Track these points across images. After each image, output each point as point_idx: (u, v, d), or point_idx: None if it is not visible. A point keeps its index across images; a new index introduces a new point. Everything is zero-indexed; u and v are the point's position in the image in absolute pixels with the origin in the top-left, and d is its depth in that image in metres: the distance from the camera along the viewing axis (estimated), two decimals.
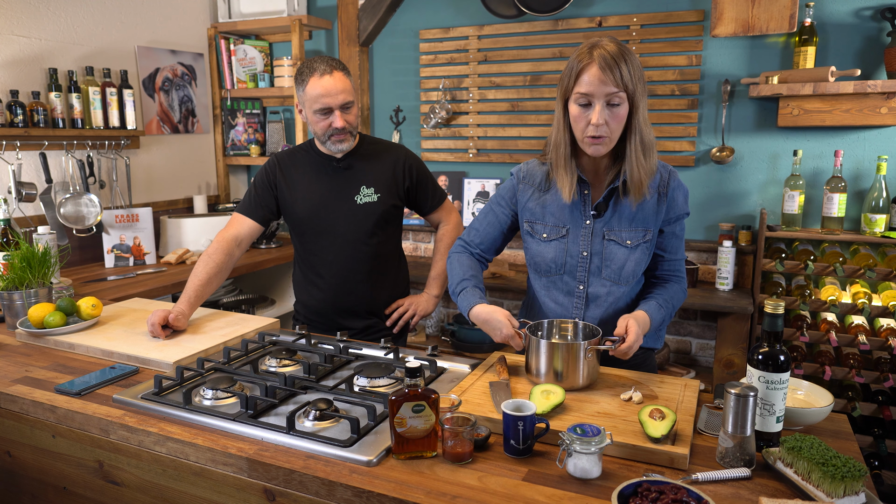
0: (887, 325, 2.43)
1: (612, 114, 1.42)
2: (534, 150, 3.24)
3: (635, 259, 1.56)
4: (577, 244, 1.58)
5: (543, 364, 1.42)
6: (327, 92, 1.83)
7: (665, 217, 1.56)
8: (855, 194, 2.69)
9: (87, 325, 1.86)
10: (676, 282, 1.63)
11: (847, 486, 1.02)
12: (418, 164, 2.06)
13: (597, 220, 1.57)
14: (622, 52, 1.40)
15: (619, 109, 1.42)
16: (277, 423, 1.29)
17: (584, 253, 1.57)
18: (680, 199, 1.57)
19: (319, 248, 2.00)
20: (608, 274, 1.57)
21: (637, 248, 1.55)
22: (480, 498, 1.06)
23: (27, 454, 1.52)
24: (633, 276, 1.57)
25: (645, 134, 1.47)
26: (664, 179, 1.55)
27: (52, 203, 2.74)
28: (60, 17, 2.82)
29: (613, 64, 1.38)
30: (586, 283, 1.59)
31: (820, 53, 2.64)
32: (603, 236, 1.56)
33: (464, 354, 2.57)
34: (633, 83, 1.41)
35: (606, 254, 1.56)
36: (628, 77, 1.40)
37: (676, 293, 1.61)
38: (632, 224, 1.55)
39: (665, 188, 1.55)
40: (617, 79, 1.39)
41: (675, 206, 1.57)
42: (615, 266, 1.56)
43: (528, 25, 3.14)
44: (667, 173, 1.56)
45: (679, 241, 1.62)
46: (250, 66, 3.63)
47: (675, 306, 1.60)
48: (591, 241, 1.57)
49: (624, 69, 1.39)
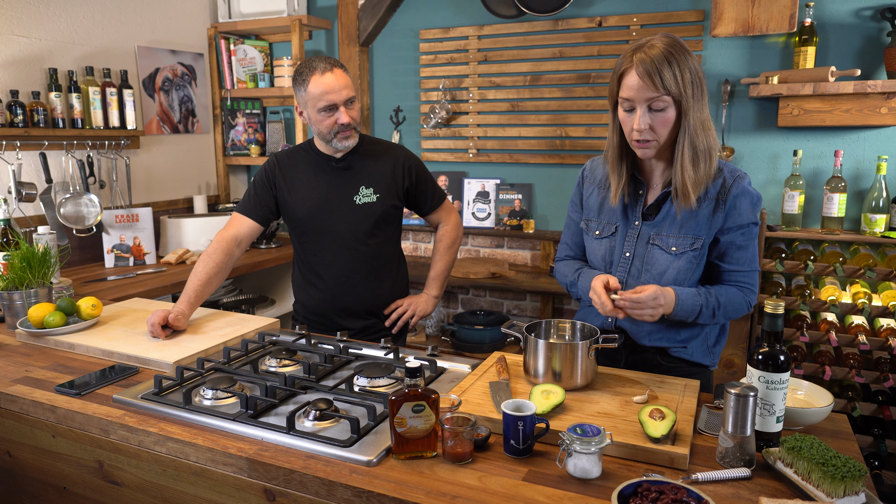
0: (887, 325, 2.43)
1: (656, 118, 1.38)
2: (534, 150, 3.24)
3: (678, 267, 1.48)
4: (622, 244, 1.55)
5: (542, 364, 1.42)
6: (331, 88, 1.83)
7: (723, 225, 1.46)
8: (855, 194, 2.69)
9: (87, 325, 1.86)
10: (738, 288, 1.49)
11: (847, 486, 1.02)
12: (418, 165, 2.06)
13: (645, 223, 1.53)
14: (668, 55, 1.34)
15: (664, 114, 1.38)
16: (277, 423, 1.28)
17: (626, 254, 1.54)
18: (744, 207, 1.45)
19: (319, 248, 2.00)
20: (647, 279, 1.51)
21: (682, 255, 1.47)
22: (480, 498, 1.06)
23: (27, 454, 1.52)
24: (674, 284, 1.48)
25: (697, 139, 1.39)
26: (726, 185, 1.46)
27: (52, 203, 2.74)
28: (60, 17, 2.82)
29: (653, 69, 1.34)
30: (625, 285, 1.53)
31: (820, 53, 2.64)
32: (649, 239, 1.51)
33: (464, 354, 2.57)
34: (681, 86, 1.35)
35: (648, 258, 1.51)
36: (672, 80, 1.34)
37: (731, 294, 1.48)
38: (681, 230, 1.48)
39: (725, 195, 1.45)
40: (657, 83, 1.34)
41: (736, 215, 1.46)
42: (655, 272, 1.50)
43: (528, 25, 3.14)
44: (732, 178, 1.46)
45: (742, 251, 1.48)
46: (250, 66, 3.63)
47: (723, 304, 1.46)
48: (636, 242, 1.53)
49: (667, 73, 1.34)
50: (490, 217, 3.36)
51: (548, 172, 3.25)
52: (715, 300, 1.46)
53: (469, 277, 3.06)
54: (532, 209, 3.29)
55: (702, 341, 1.57)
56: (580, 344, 1.39)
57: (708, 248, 1.50)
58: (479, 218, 3.38)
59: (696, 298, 1.45)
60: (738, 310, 1.49)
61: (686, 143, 1.39)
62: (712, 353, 1.59)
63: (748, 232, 1.48)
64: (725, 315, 1.48)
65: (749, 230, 1.48)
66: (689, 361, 1.57)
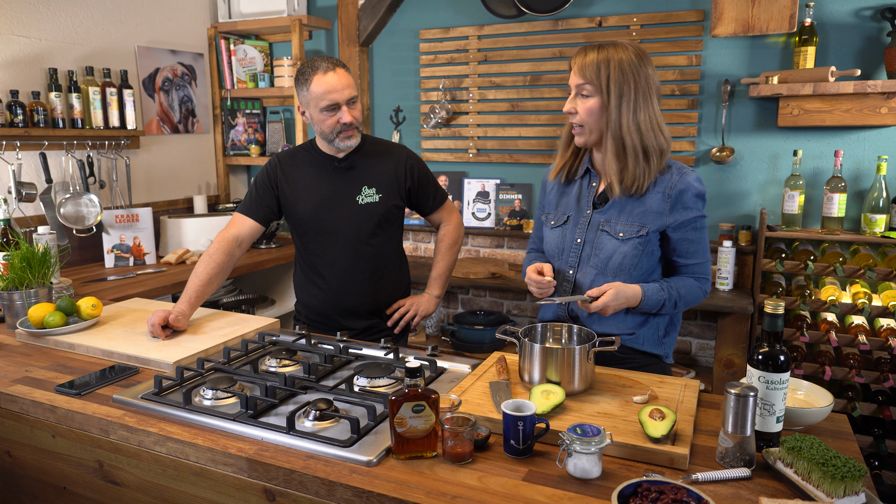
0: (887, 325, 2.43)
1: (581, 104, 1.56)
2: (534, 150, 3.24)
3: (624, 252, 1.58)
4: (574, 232, 1.67)
5: (537, 370, 1.41)
6: (333, 88, 1.83)
7: (671, 219, 1.57)
8: (855, 194, 2.69)
9: (87, 325, 1.86)
10: (695, 278, 1.62)
11: (847, 486, 1.02)
12: (420, 165, 2.06)
13: (596, 211, 1.64)
14: (607, 52, 1.51)
15: (587, 101, 1.54)
16: (277, 423, 1.28)
17: (578, 240, 1.66)
18: (689, 200, 1.56)
19: (321, 248, 2.00)
20: (595, 262, 1.62)
21: (629, 241, 1.58)
22: (480, 498, 1.06)
23: (27, 454, 1.52)
24: (619, 268, 1.59)
25: (625, 135, 1.52)
26: (672, 180, 1.56)
27: (52, 203, 2.74)
28: (60, 17, 2.82)
29: (582, 59, 1.53)
30: (576, 269, 1.65)
31: (820, 53, 2.64)
32: (598, 226, 1.62)
33: (464, 354, 2.57)
34: (603, 79, 1.51)
35: (598, 243, 1.62)
36: (594, 72, 1.51)
37: (689, 285, 1.60)
38: (629, 219, 1.59)
39: (671, 189, 1.56)
40: (583, 71, 1.53)
41: (681, 208, 1.56)
42: (603, 255, 1.61)
43: (528, 25, 3.14)
44: (679, 175, 1.57)
45: (693, 244, 1.60)
46: (250, 66, 3.63)
47: (682, 296, 1.58)
48: (586, 229, 1.65)
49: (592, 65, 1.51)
50: (490, 217, 3.36)
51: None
52: (676, 293, 1.58)
53: (469, 277, 3.06)
54: (532, 209, 3.29)
55: (651, 330, 1.65)
56: (577, 349, 1.38)
57: (661, 243, 1.61)
58: (479, 218, 3.38)
59: (659, 293, 1.56)
60: (695, 298, 1.62)
61: (609, 135, 1.54)
62: (663, 343, 1.68)
63: (697, 225, 1.59)
64: (685, 304, 1.61)
65: (697, 223, 1.59)
66: (641, 352, 1.65)
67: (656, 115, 1.55)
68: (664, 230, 1.58)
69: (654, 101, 1.54)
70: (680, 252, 1.60)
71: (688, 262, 1.61)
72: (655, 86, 1.54)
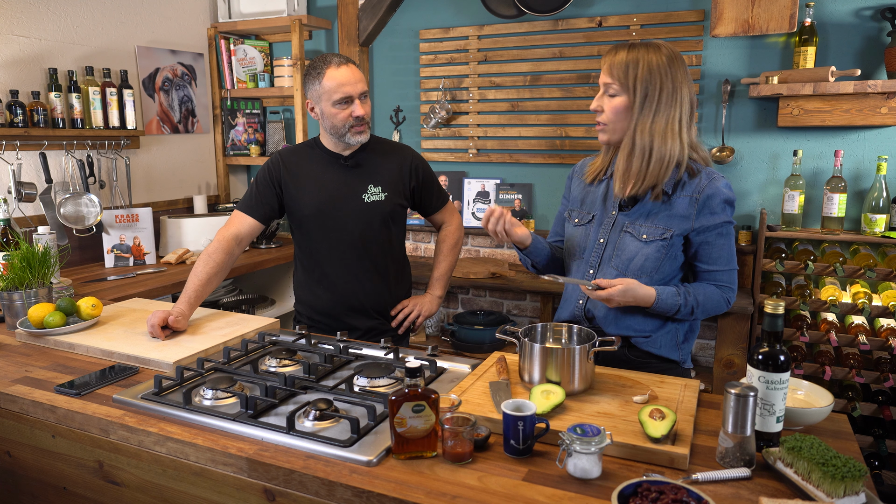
0: (887, 325, 2.43)
1: (607, 102, 1.54)
2: (534, 150, 3.24)
3: (646, 254, 1.55)
4: (597, 232, 1.65)
5: (537, 370, 1.41)
6: (347, 80, 1.84)
7: (696, 223, 1.53)
8: (855, 194, 2.69)
9: (87, 325, 1.86)
10: (717, 286, 1.56)
11: (847, 486, 1.02)
12: (424, 165, 2.07)
13: (622, 213, 1.62)
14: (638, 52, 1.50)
15: (613, 100, 1.53)
16: (277, 423, 1.28)
17: (601, 240, 1.63)
18: (716, 206, 1.52)
19: (326, 246, 2.00)
20: (617, 263, 1.59)
21: (652, 243, 1.55)
22: (480, 498, 1.06)
23: (27, 454, 1.52)
24: (640, 271, 1.56)
25: (642, 137, 1.51)
26: (701, 185, 1.53)
27: (52, 203, 2.74)
28: (60, 17, 2.82)
29: (612, 58, 1.52)
30: (597, 269, 1.63)
31: (820, 53, 2.64)
32: (623, 228, 1.60)
33: (464, 354, 2.57)
34: (630, 79, 1.50)
35: (620, 244, 1.60)
36: (622, 71, 1.50)
37: (709, 293, 1.55)
38: (654, 221, 1.56)
39: (699, 193, 1.52)
40: (610, 70, 1.52)
41: (708, 213, 1.52)
42: (625, 257, 1.58)
43: (528, 25, 3.14)
44: (708, 180, 1.53)
45: (717, 249, 1.55)
46: (250, 66, 3.63)
47: (701, 303, 1.53)
48: (610, 230, 1.62)
49: (622, 64, 1.50)
50: None
51: (548, 172, 3.25)
52: (694, 299, 1.53)
53: (469, 277, 3.06)
54: (532, 209, 3.29)
55: (669, 335, 1.61)
56: (577, 348, 1.38)
57: (685, 248, 1.57)
58: (479, 218, 3.38)
59: (675, 298, 1.52)
60: (716, 307, 1.56)
61: (627, 134, 1.53)
62: (681, 349, 1.63)
63: (723, 231, 1.55)
64: (704, 312, 1.56)
65: (723, 229, 1.55)
66: (658, 356, 1.61)
67: (678, 121, 1.51)
68: (688, 234, 1.54)
69: (679, 106, 1.51)
70: (702, 257, 1.56)
71: (710, 268, 1.56)
72: (687, 91, 1.51)
